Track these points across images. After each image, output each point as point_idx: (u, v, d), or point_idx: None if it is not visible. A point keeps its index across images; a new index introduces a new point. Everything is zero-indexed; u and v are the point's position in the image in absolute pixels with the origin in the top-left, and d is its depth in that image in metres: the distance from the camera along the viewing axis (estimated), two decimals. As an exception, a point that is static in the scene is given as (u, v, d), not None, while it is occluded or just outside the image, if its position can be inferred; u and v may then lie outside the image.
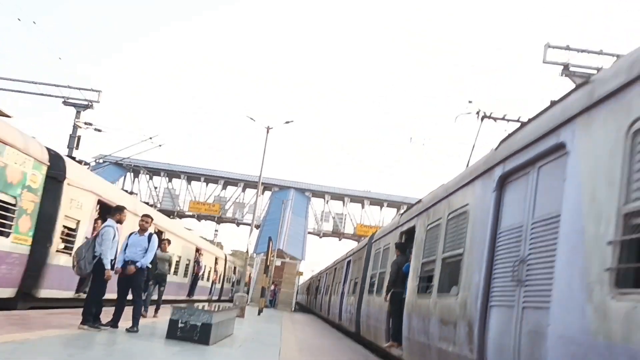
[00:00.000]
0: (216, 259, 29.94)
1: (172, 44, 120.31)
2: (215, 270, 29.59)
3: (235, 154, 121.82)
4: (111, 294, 8.53)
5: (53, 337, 6.62)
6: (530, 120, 4.92)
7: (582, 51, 15.90)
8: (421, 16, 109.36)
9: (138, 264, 8.36)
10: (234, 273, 39.46)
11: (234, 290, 38.46)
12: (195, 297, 22.94)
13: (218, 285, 31.96)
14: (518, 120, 7.43)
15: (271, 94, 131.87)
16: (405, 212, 10.51)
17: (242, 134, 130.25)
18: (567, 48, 16.14)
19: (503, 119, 7.75)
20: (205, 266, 24.81)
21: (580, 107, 3.89)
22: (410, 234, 9.14)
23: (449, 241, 6.59)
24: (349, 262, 18.26)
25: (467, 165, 6.46)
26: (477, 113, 8.10)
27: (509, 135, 5.38)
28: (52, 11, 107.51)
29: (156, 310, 12.03)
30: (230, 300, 32.38)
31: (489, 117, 7.75)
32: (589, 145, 3.69)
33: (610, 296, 3.12)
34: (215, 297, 30.27)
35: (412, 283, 7.99)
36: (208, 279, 28.04)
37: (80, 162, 14.40)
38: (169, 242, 12.54)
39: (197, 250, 22.74)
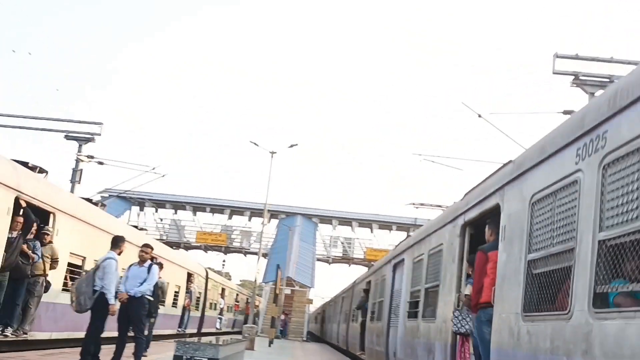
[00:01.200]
0: (189, 275, 21.59)
1: (164, 63, 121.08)
2: (189, 291, 21.45)
3: (240, 181, 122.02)
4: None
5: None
6: (399, 243, 12.33)
7: (593, 59, 15.47)
8: (421, 16, 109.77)
9: (131, 292, 7.85)
10: (222, 297, 31.05)
11: (223, 320, 31.63)
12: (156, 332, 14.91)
13: (196, 314, 24.08)
14: (440, 207, 11.57)
15: (273, 105, 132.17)
16: (370, 269, 19.08)
17: (247, 160, 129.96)
18: (577, 57, 15.74)
19: (436, 206, 12.26)
20: (167, 284, 16.24)
21: (404, 247, 10.75)
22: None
23: (379, 292, 13.26)
24: (342, 298, 25.20)
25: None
26: (414, 204, 12.07)
27: (396, 246, 12.75)
28: (44, 40, 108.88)
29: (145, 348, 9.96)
30: (218, 333, 27.73)
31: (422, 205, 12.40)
32: (407, 262, 9.96)
33: (406, 320, 9.30)
34: (190, 330, 22.47)
35: (368, 314, 14.46)
36: (174, 304, 20.39)
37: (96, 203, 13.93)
38: (161, 265, 10.12)
39: (151, 258, 13.40)
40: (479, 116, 16.74)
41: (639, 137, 3.20)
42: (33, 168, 10.46)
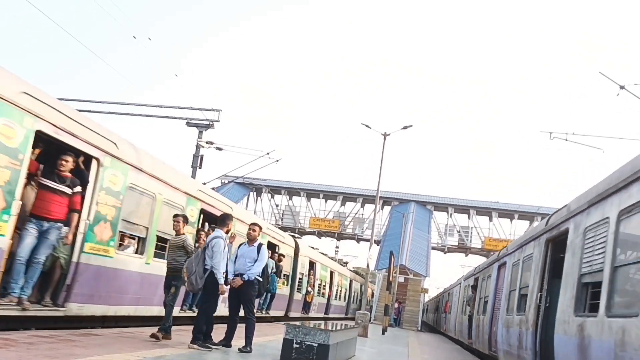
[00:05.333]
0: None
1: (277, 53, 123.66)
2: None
3: (353, 166, 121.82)
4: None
5: (159, 357, 6.03)
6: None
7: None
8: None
9: (244, 277, 7.71)
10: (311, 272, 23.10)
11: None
12: None
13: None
14: None
15: (386, 95, 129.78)
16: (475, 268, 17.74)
17: (360, 145, 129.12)
18: None
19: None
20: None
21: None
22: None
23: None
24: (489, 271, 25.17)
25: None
26: None
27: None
28: (162, 23, 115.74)
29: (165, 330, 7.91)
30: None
31: None
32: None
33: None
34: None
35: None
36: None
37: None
38: (186, 219, 8.41)
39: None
40: (621, 88, 14.83)
41: None
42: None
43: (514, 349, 9.54)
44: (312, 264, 23.09)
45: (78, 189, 7.37)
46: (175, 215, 8.30)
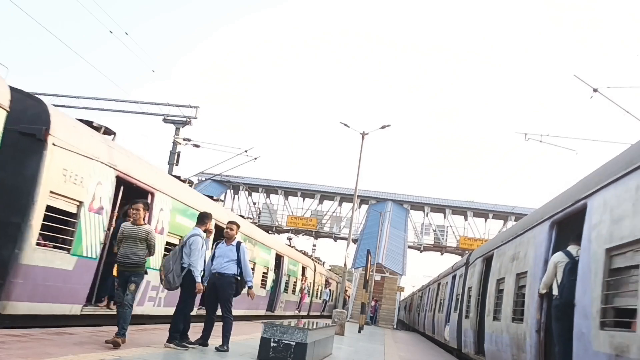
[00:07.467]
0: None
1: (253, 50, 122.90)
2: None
3: (331, 165, 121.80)
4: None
5: (134, 356, 5.96)
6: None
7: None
8: None
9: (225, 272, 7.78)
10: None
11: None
12: None
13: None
14: None
15: (364, 87, 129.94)
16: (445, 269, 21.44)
17: (338, 144, 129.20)
18: None
19: None
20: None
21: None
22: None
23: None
24: (426, 291, 29.12)
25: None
26: None
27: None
28: (142, 19, 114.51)
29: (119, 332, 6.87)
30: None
31: None
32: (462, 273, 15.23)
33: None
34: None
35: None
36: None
37: (184, 180, 13.88)
38: (146, 206, 7.37)
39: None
40: (595, 91, 15.20)
41: None
42: (98, 128, 9.16)
43: (426, 327, 20.82)
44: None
45: None
46: (135, 202, 7.20)
